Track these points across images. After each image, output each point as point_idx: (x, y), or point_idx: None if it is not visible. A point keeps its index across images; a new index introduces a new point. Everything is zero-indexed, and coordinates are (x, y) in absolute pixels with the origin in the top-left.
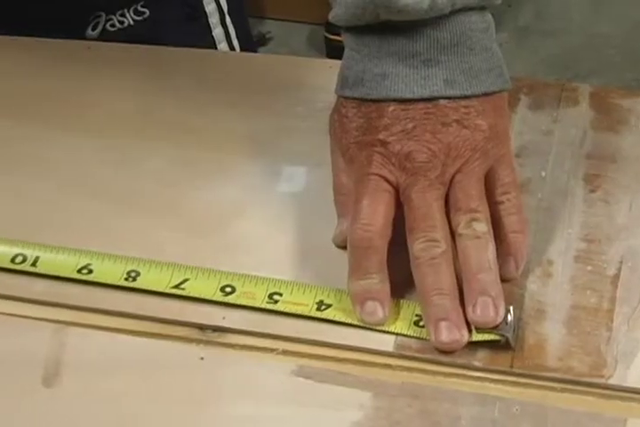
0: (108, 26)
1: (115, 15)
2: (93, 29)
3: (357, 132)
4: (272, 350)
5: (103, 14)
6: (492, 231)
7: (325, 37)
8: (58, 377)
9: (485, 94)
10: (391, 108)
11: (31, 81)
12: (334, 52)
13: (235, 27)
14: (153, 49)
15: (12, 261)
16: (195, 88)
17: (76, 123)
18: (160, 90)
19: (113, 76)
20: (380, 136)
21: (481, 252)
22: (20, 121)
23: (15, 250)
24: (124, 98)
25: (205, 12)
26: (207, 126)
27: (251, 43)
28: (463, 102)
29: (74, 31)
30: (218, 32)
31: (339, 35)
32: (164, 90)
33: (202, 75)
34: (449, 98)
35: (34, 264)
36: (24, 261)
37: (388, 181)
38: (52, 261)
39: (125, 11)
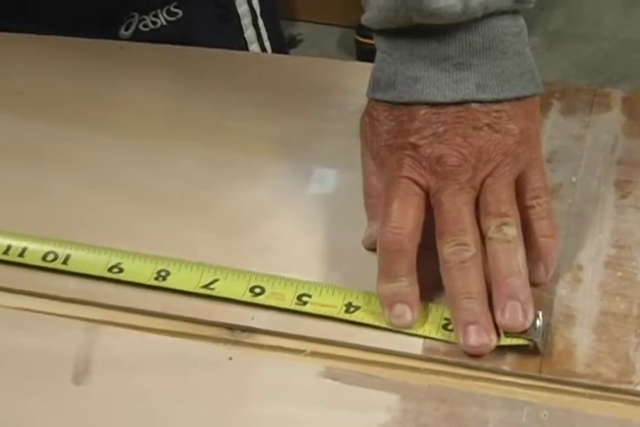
0: (141, 26)
1: (148, 15)
2: (126, 29)
3: (388, 135)
4: (300, 352)
5: (136, 15)
6: (521, 236)
7: (356, 40)
8: (88, 375)
9: (517, 98)
10: (422, 112)
11: (63, 80)
12: (365, 54)
13: (267, 28)
14: (185, 50)
15: (44, 258)
16: (226, 89)
17: (107, 122)
18: (191, 90)
19: (145, 75)
20: (412, 139)
21: (511, 256)
22: (52, 120)
23: (46, 248)
24: (155, 98)
25: (238, 14)
26: (238, 127)
27: (282, 45)
28: (495, 106)
29: (107, 31)
30: (250, 33)
31: (369, 38)
32: (196, 90)
33: (233, 76)
34: (480, 102)
35: (65, 262)
36: (55, 259)
37: (418, 184)
38: (82, 259)
39: (159, 11)
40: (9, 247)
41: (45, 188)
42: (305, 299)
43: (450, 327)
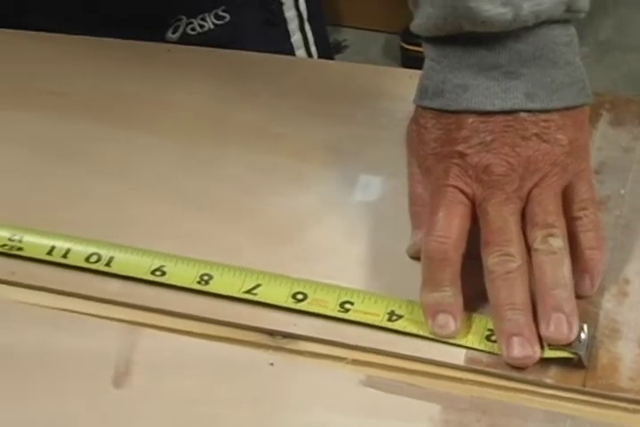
0: (188, 29)
1: (195, 19)
2: (174, 32)
3: (435, 143)
4: (342, 359)
5: (184, 18)
6: (568, 247)
7: (401, 47)
8: (128, 377)
9: (566, 108)
10: (470, 120)
11: (110, 82)
12: (410, 61)
13: (313, 33)
14: (232, 53)
15: (87, 260)
16: (272, 94)
17: (154, 125)
18: (238, 95)
19: (191, 78)
20: (459, 148)
21: (556, 268)
22: (99, 121)
23: (90, 249)
24: (201, 101)
25: (285, 19)
26: (284, 133)
27: (328, 50)
28: (543, 116)
29: (154, 33)
30: (296, 38)
31: (414, 44)
32: (242, 95)
33: (280, 81)
34: (529, 111)
35: (108, 264)
36: (98, 260)
37: (464, 193)
38: (126, 261)
39: (206, 15)
40: (53, 248)
41: (90, 189)
42: (347, 306)
43: (493, 338)
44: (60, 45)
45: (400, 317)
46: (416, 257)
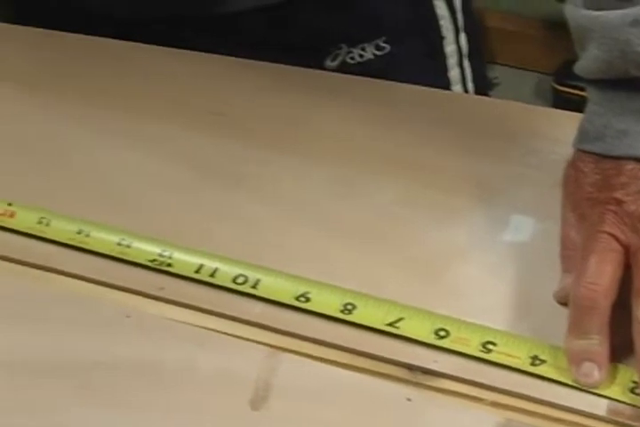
0: (347, 58)
1: (356, 48)
2: (333, 60)
3: (592, 188)
4: (481, 400)
5: (344, 46)
6: None
7: (553, 87)
8: (266, 401)
9: None
10: (630, 167)
11: (266, 104)
12: (562, 103)
13: (472, 70)
14: (388, 84)
15: (234, 280)
16: (426, 127)
17: (304, 149)
18: (391, 125)
19: (346, 106)
20: (616, 195)
21: None
22: (250, 143)
23: (237, 270)
24: (355, 129)
25: (444, 53)
26: (436, 166)
27: (485, 87)
28: None
29: (312, 60)
30: (454, 73)
31: (568, 86)
32: (395, 125)
33: (434, 114)
34: None
35: (254, 286)
36: (245, 282)
37: (618, 240)
38: (272, 285)
39: (366, 45)
40: (201, 266)
41: (239, 210)
42: (490, 347)
43: (637, 391)
44: (218, 66)
45: (543, 362)
46: (564, 302)
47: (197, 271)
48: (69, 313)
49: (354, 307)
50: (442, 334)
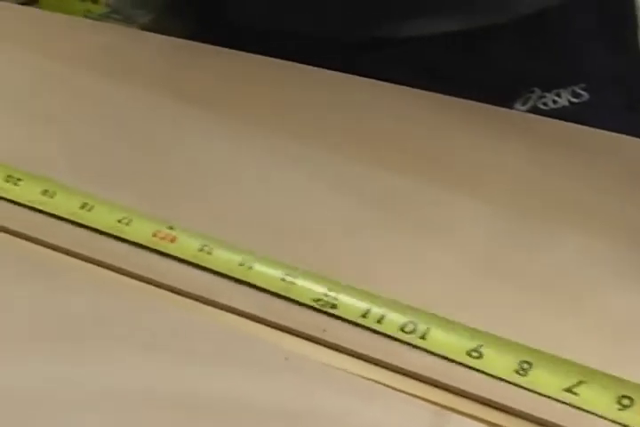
0: (539, 103)
1: (550, 93)
2: (523, 104)
3: None
4: None
5: (537, 90)
6: None
7: None
8: None
9: None
10: None
11: (441, 137)
12: None
13: None
14: (584, 130)
15: (402, 329)
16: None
17: (478, 189)
18: (573, 170)
19: (530, 148)
20: None
21: None
22: (416, 178)
23: (406, 317)
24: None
25: None
26: (609, 213)
27: None
28: None
29: (501, 101)
30: None
31: None
32: (577, 171)
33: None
34: None
35: (423, 337)
36: (413, 331)
37: None
38: (442, 337)
39: (562, 91)
40: (368, 311)
41: (418, 251)
42: None
43: None
44: (389, 94)
45: None
46: None
47: (364, 316)
48: (221, 348)
49: (530, 366)
50: (625, 402)
